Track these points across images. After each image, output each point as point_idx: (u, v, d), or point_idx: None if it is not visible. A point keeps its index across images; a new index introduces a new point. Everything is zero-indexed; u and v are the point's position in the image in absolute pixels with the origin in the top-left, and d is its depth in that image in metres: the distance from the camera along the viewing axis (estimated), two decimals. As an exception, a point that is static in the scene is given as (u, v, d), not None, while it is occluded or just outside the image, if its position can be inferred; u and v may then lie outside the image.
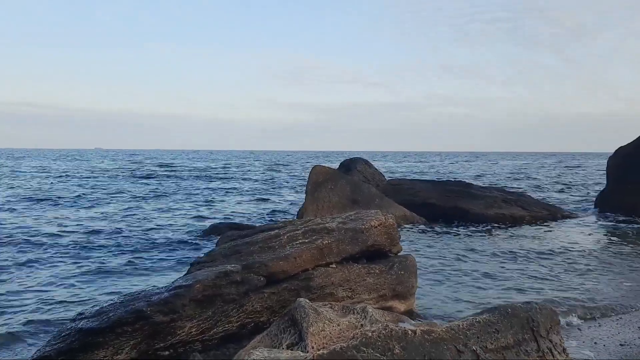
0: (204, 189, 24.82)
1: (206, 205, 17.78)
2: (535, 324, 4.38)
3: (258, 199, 20.14)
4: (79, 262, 8.45)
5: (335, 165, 17.90)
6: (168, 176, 34.21)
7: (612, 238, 10.98)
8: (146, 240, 10.71)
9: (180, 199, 19.60)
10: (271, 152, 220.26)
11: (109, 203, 17.79)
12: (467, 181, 17.68)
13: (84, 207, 16.47)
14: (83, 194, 20.94)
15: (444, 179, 24.24)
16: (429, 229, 12.26)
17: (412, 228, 12.40)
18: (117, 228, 12.22)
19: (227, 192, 23.44)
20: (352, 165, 17.15)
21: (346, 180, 13.21)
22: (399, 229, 6.34)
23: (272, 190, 24.78)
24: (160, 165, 51.25)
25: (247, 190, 24.29)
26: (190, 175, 35.44)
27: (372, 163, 18.98)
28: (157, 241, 10.56)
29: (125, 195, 20.93)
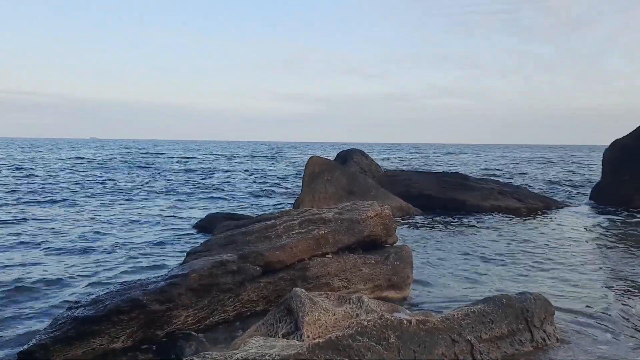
0: (200, 179, 24.78)
1: (202, 195, 17.75)
2: (530, 315, 4.42)
3: (254, 189, 20.14)
4: (71, 252, 8.44)
5: (332, 157, 17.89)
6: (163, 166, 34.14)
7: (606, 230, 11.03)
8: (141, 229, 10.71)
9: (174, 189, 19.57)
10: (269, 142, 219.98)
11: (101, 193, 17.74)
12: (463, 173, 17.71)
13: (72, 198, 16.44)
14: (72, 184, 20.89)
15: (441, 171, 24.30)
16: (425, 220, 12.29)
17: (408, 219, 12.43)
18: (110, 217, 12.21)
19: (223, 182, 23.41)
20: (349, 157, 17.16)
21: (342, 171, 13.22)
22: (394, 220, 6.35)
23: (268, 180, 24.77)
24: (157, 156, 51.14)
25: (244, 180, 24.27)
26: (186, 166, 35.39)
27: (369, 155, 18.98)
28: (153, 231, 10.56)
29: (119, 185, 20.88)
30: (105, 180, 22.93)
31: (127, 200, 15.84)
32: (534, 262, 7.97)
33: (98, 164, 35.40)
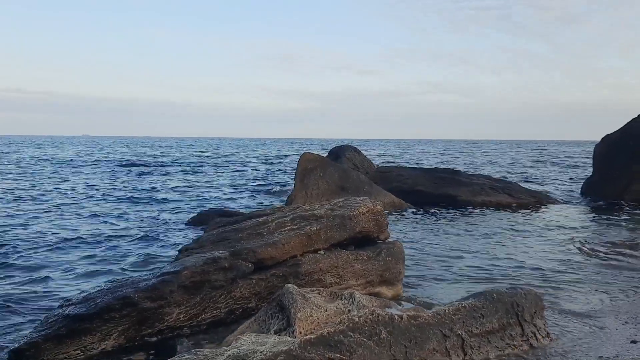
0: (193, 176, 24.71)
1: (194, 193, 17.71)
2: (520, 309, 4.45)
3: (247, 186, 20.10)
4: (62, 249, 8.40)
5: (325, 153, 17.88)
6: (154, 164, 34.00)
7: (596, 225, 11.12)
8: (134, 227, 10.67)
9: (167, 186, 19.50)
10: (262, 139, 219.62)
11: (91, 192, 17.65)
12: (455, 168, 17.79)
13: (61, 194, 16.36)
14: (54, 181, 20.77)
15: (433, 167, 24.37)
16: (417, 216, 12.34)
17: (400, 215, 12.46)
18: (102, 216, 12.15)
19: (216, 179, 23.36)
20: (341, 153, 17.14)
21: (335, 167, 13.22)
22: (387, 216, 6.37)
23: (261, 177, 24.74)
24: (148, 154, 50.92)
25: (236, 177, 24.22)
26: (178, 163, 35.26)
27: (363, 151, 18.98)
28: (145, 228, 10.52)
29: (109, 182, 20.78)
30: (98, 177, 22.82)
31: (119, 197, 15.77)
32: (523, 257, 8.03)
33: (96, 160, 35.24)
